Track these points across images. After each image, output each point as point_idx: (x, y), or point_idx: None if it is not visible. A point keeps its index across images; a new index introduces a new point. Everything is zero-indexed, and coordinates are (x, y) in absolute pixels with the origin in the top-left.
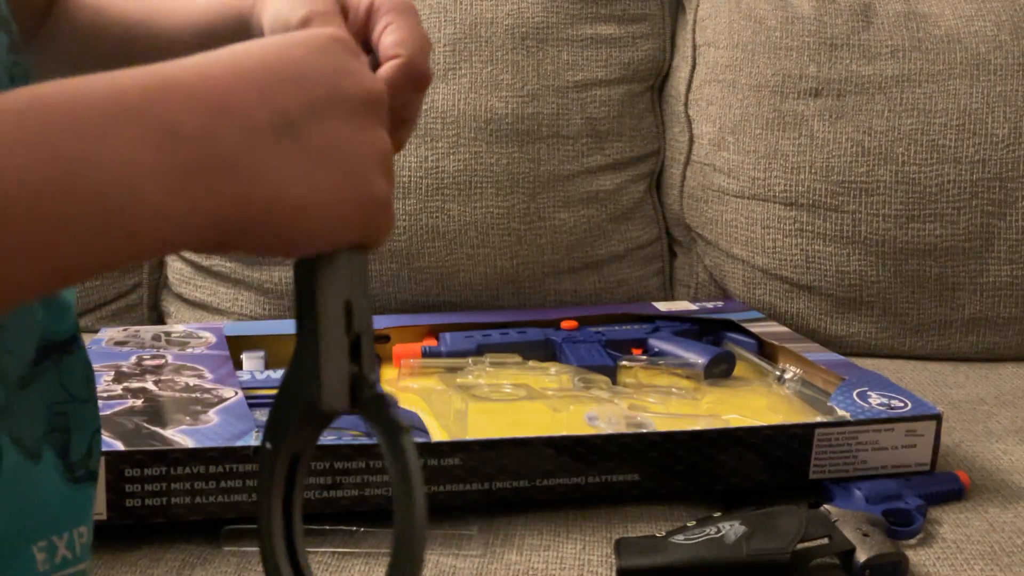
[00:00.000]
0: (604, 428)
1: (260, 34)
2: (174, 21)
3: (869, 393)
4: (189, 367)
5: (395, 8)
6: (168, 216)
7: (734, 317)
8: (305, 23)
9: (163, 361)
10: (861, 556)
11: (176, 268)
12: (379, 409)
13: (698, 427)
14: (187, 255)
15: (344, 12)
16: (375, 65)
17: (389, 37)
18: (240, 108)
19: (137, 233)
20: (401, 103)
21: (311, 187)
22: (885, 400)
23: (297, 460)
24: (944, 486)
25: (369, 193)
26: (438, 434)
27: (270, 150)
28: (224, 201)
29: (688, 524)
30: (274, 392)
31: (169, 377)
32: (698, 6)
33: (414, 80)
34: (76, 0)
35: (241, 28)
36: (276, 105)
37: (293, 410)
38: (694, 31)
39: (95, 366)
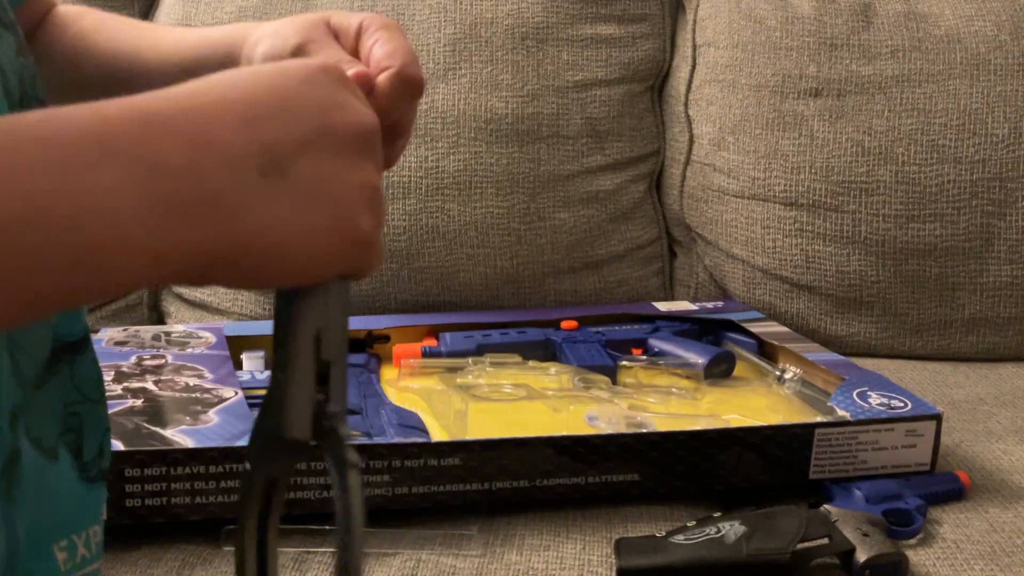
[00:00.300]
0: (604, 428)
1: None
2: (160, 54)
3: (869, 393)
4: (189, 367)
5: (383, 26)
6: (148, 252)
7: (734, 317)
8: (299, 51)
9: (163, 361)
10: (861, 556)
11: None
12: (333, 444)
13: (698, 427)
14: None
15: (336, 37)
16: (368, 84)
17: (380, 50)
18: (226, 143)
19: (116, 268)
20: (397, 114)
21: (296, 225)
22: (885, 400)
23: (274, 484)
24: (944, 486)
25: (355, 230)
26: (438, 434)
27: (255, 187)
28: (207, 238)
29: (688, 524)
30: None
31: (169, 377)
32: (698, 6)
33: (408, 87)
34: (62, 20)
35: (230, 63)
36: (263, 140)
37: (268, 436)
38: (694, 31)
39: None
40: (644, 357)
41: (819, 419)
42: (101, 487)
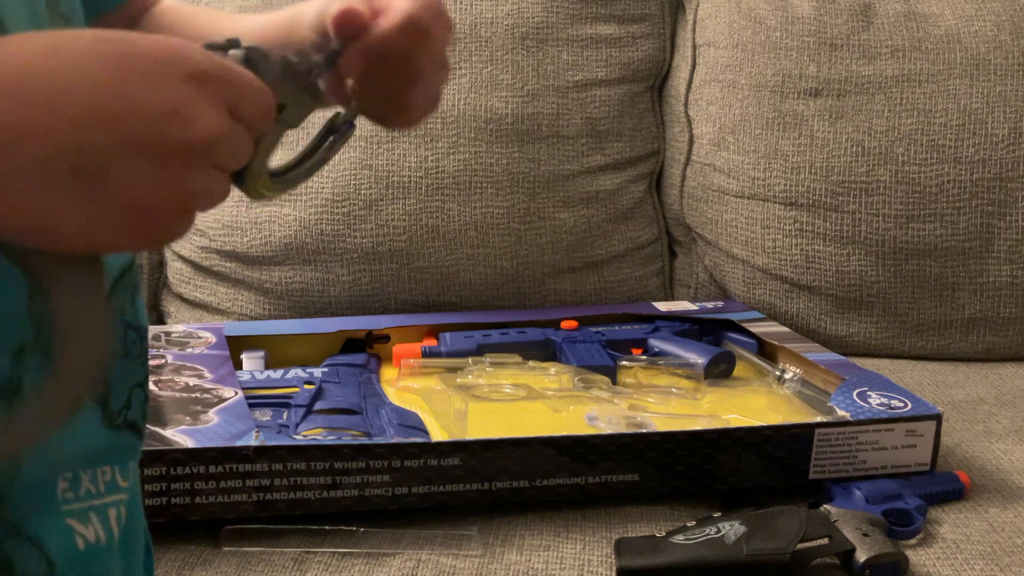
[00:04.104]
0: (604, 428)
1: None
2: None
3: (869, 393)
4: (189, 367)
5: None
6: None
7: (734, 317)
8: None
9: (163, 361)
10: (861, 556)
11: (176, 268)
12: None
13: (698, 427)
14: (187, 255)
15: None
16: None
17: None
18: (41, 137)
19: None
20: (400, 59)
21: (91, 227)
22: (885, 400)
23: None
24: (944, 486)
25: (155, 233)
26: (438, 434)
27: (61, 185)
28: None
29: (688, 524)
30: (274, 392)
31: (169, 377)
32: (698, 6)
33: (411, 35)
34: (160, 12)
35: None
36: (84, 142)
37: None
38: (694, 31)
39: None
40: (644, 357)
41: (819, 419)
42: (129, 436)
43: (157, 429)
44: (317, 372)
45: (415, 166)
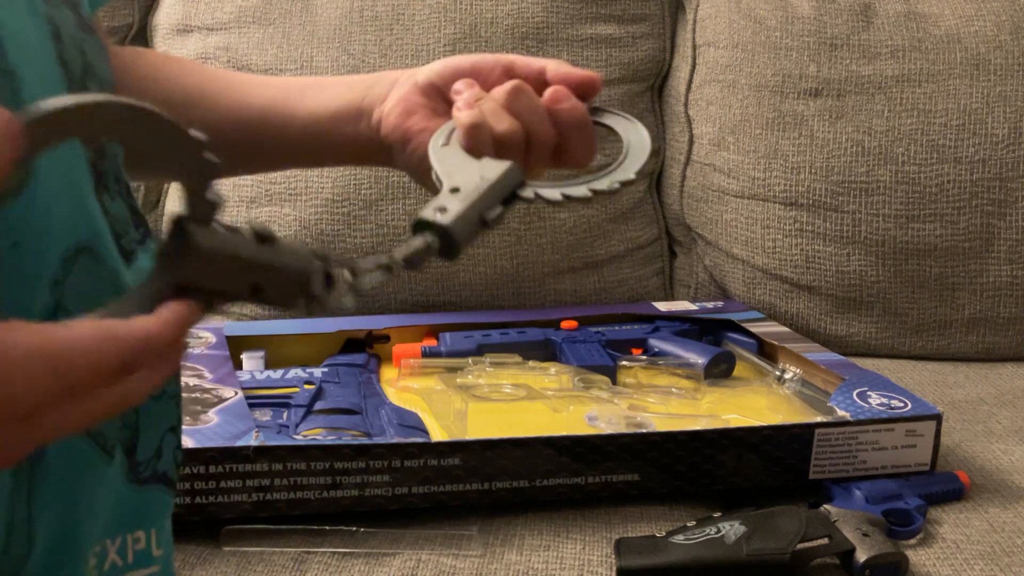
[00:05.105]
0: (604, 428)
1: (370, 123)
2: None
3: (869, 393)
4: (189, 367)
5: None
6: None
7: (734, 317)
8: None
9: None
10: (861, 556)
11: None
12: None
13: (698, 427)
14: None
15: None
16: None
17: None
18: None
19: None
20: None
21: None
22: (885, 400)
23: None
24: (944, 486)
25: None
26: (438, 434)
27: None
28: None
29: (688, 524)
30: (274, 392)
31: None
32: (698, 6)
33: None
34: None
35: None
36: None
37: None
38: (694, 31)
39: None
40: (644, 357)
41: (819, 419)
42: (158, 491)
43: None
44: (317, 372)
45: None
